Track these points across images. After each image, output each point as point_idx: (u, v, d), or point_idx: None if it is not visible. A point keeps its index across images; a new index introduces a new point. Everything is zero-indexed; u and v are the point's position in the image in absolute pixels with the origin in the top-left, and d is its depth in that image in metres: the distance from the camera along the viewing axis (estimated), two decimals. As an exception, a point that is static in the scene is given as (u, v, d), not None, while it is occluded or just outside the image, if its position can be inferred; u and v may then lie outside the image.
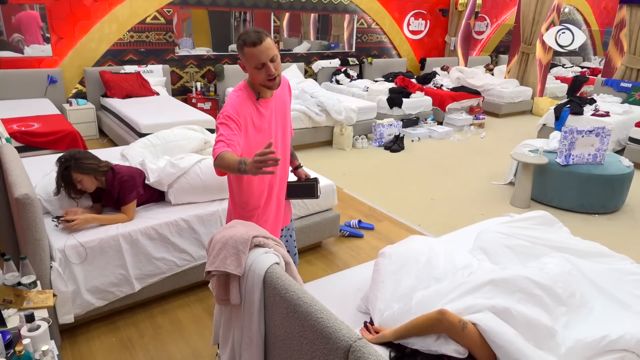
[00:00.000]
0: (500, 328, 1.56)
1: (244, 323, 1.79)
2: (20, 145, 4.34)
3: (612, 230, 4.13)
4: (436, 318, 1.59)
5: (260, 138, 2.02)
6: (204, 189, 2.90)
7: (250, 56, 1.86)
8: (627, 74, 7.78)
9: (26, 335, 1.61)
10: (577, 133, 4.26)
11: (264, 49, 1.84)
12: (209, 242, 1.93)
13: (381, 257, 2.11)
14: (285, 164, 2.23)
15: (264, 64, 1.87)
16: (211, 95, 7.21)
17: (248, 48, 1.85)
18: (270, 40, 1.88)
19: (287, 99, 2.18)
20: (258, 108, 2.00)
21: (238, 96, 1.97)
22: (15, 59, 5.93)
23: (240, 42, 1.87)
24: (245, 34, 1.86)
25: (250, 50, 1.85)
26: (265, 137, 2.03)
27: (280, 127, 2.12)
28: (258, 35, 1.84)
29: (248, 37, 1.84)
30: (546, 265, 1.98)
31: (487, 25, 11.20)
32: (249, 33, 1.85)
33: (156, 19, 6.78)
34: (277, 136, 2.11)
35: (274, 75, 1.91)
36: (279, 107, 2.10)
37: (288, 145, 2.23)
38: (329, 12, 8.50)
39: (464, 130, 7.44)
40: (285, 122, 2.16)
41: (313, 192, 2.32)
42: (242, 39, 1.86)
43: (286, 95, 2.18)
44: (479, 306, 1.65)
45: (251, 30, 1.86)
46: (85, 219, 2.51)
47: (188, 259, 2.82)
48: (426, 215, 4.30)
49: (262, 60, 1.86)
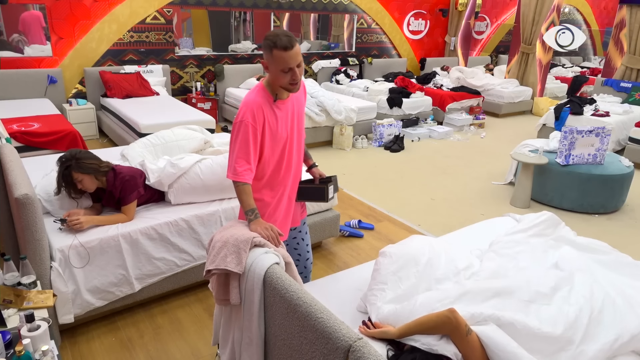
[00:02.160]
0: (504, 340, 1.55)
1: (244, 323, 1.80)
2: (20, 145, 4.34)
3: (612, 230, 4.13)
4: (446, 315, 1.59)
5: (276, 139, 2.05)
6: (204, 189, 2.90)
7: (280, 59, 1.87)
8: (627, 74, 7.78)
9: (26, 335, 1.61)
10: (577, 133, 4.26)
11: (294, 54, 1.87)
12: (209, 242, 1.93)
13: (381, 257, 2.11)
14: (299, 164, 2.25)
15: (291, 68, 1.90)
16: (211, 95, 7.21)
17: (278, 51, 1.86)
18: (299, 46, 1.93)
19: (302, 100, 2.22)
20: (274, 110, 2.03)
21: (255, 100, 1.98)
22: (15, 59, 5.93)
23: (270, 43, 1.86)
24: (276, 37, 1.86)
25: (280, 54, 1.86)
26: (280, 138, 2.06)
27: (296, 127, 2.15)
28: (290, 40, 1.85)
29: (280, 41, 1.85)
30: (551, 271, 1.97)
31: (487, 25, 11.20)
32: (280, 36, 1.85)
33: (156, 19, 6.78)
34: (293, 136, 2.14)
35: (297, 81, 1.95)
36: (294, 108, 2.13)
37: (302, 145, 2.26)
38: (329, 12, 8.50)
39: (463, 130, 7.44)
40: (300, 123, 2.20)
41: (323, 196, 2.29)
42: (272, 41, 1.86)
43: (302, 97, 2.21)
44: (485, 316, 1.65)
45: (282, 34, 1.86)
46: (87, 221, 2.51)
47: (188, 259, 2.82)
48: (426, 215, 4.30)
49: (290, 65, 1.89)
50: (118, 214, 2.67)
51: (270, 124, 2.01)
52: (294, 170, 2.21)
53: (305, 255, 2.47)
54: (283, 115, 2.06)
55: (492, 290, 1.78)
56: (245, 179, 1.96)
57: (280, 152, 2.09)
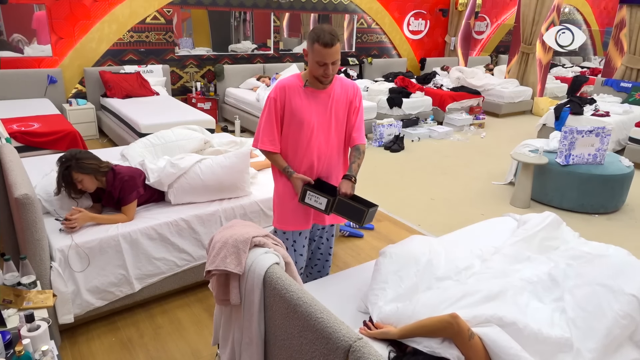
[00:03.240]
0: (506, 342, 1.55)
1: (244, 323, 1.79)
2: (20, 145, 4.34)
3: (612, 230, 4.13)
4: (447, 321, 1.58)
5: (296, 119, 2.22)
6: (204, 189, 2.90)
7: (318, 53, 2.05)
8: (627, 74, 7.78)
9: (26, 335, 1.60)
10: (577, 133, 4.26)
11: (333, 52, 2.05)
12: (209, 242, 1.93)
13: (382, 257, 2.11)
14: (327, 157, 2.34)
15: (325, 63, 2.07)
16: (211, 95, 7.21)
17: (319, 46, 2.03)
18: (339, 45, 2.07)
19: (345, 100, 2.31)
20: (300, 94, 2.21)
21: (284, 81, 2.22)
22: (15, 59, 5.93)
23: (314, 36, 2.04)
24: (322, 32, 2.03)
25: (320, 49, 2.04)
26: (302, 120, 2.21)
27: (326, 119, 2.27)
28: (332, 38, 2.02)
29: (323, 36, 2.02)
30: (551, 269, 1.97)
31: (487, 25, 11.20)
32: (325, 32, 2.03)
33: (156, 19, 6.78)
34: (318, 126, 2.26)
35: (329, 76, 2.13)
36: (330, 102, 2.26)
37: (337, 140, 2.34)
38: (329, 12, 8.50)
39: (464, 130, 7.44)
40: (337, 117, 2.30)
41: (361, 218, 2.11)
42: (316, 34, 2.03)
43: (346, 97, 2.31)
44: (487, 317, 1.64)
45: (327, 31, 2.03)
46: (84, 217, 2.51)
47: (188, 259, 2.82)
48: (426, 215, 4.29)
49: (326, 61, 2.07)
50: (118, 213, 2.67)
51: (292, 104, 2.20)
52: (318, 159, 2.30)
53: (326, 257, 2.63)
54: (313, 102, 2.22)
55: (493, 291, 1.78)
56: (265, 147, 2.25)
57: (301, 133, 2.24)
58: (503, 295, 1.79)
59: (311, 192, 2.18)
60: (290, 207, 2.34)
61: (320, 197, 2.16)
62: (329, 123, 2.29)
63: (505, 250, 2.22)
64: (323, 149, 2.31)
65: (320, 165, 2.34)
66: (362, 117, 2.38)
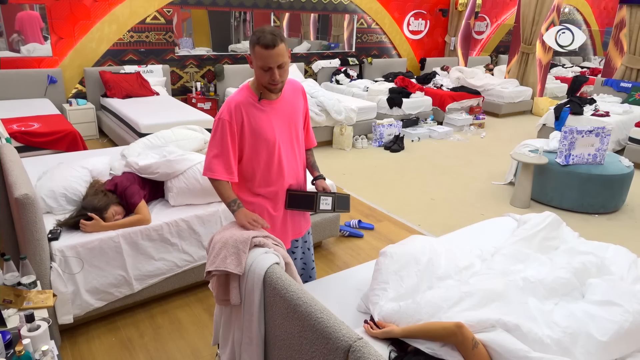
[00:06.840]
0: (514, 345, 1.55)
1: (244, 323, 1.80)
2: (20, 145, 4.34)
3: (612, 230, 4.13)
4: (452, 330, 1.57)
5: (260, 139, 1.98)
6: (202, 191, 2.89)
7: (260, 57, 1.82)
8: (627, 74, 7.78)
9: (26, 335, 1.61)
10: (577, 133, 4.26)
11: (275, 54, 1.80)
12: (208, 243, 1.93)
13: (382, 257, 2.11)
14: (296, 169, 2.16)
15: (270, 67, 1.83)
16: (211, 95, 7.21)
17: (259, 48, 1.80)
18: (284, 46, 1.82)
19: (299, 105, 2.11)
20: (258, 109, 1.97)
21: (235, 99, 1.95)
22: (15, 59, 5.93)
23: (255, 39, 1.81)
24: (261, 33, 1.79)
25: (260, 51, 1.80)
26: (265, 138, 1.98)
27: (286, 132, 2.06)
28: (273, 38, 1.78)
29: (263, 38, 1.78)
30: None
31: (487, 25, 11.20)
32: (265, 33, 1.79)
33: (156, 19, 6.78)
34: (283, 141, 2.05)
35: (277, 82, 1.88)
36: (286, 111, 2.05)
37: (298, 152, 2.15)
38: (329, 12, 8.50)
39: (463, 130, 7.44)
40: (295, 127, 2.10)
41: (312, 204, 2.11)
42: (256, 37, 1.80)
43: (299, 102, 2.12)
44: (492, 321, 1.64)
45: (268, 31, 1.79)
46: (93, 226, 2.51)
47: (188, 260, 2.82)
48: (426, 215, 4.30)
49: (270, 65, 1.82)
50: (133, 215, 2.66)
51: (251, 123, 1.95)
52: (289, 174, 2.11)
53: (311, 265, 2.46)
54: (270, 116, 1.99)
55: (496, 291, 1.78)
56: (220, 177, 1.94)
57: (268, 153, 2.01)
58: (505, 295, 1.79)
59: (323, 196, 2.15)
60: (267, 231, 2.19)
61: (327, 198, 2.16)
62: (290, 134, 2.08)
63: (505, 250, 2.22)
64: (292, 164, 2.12)
65: (292, 181, 2.16)
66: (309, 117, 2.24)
